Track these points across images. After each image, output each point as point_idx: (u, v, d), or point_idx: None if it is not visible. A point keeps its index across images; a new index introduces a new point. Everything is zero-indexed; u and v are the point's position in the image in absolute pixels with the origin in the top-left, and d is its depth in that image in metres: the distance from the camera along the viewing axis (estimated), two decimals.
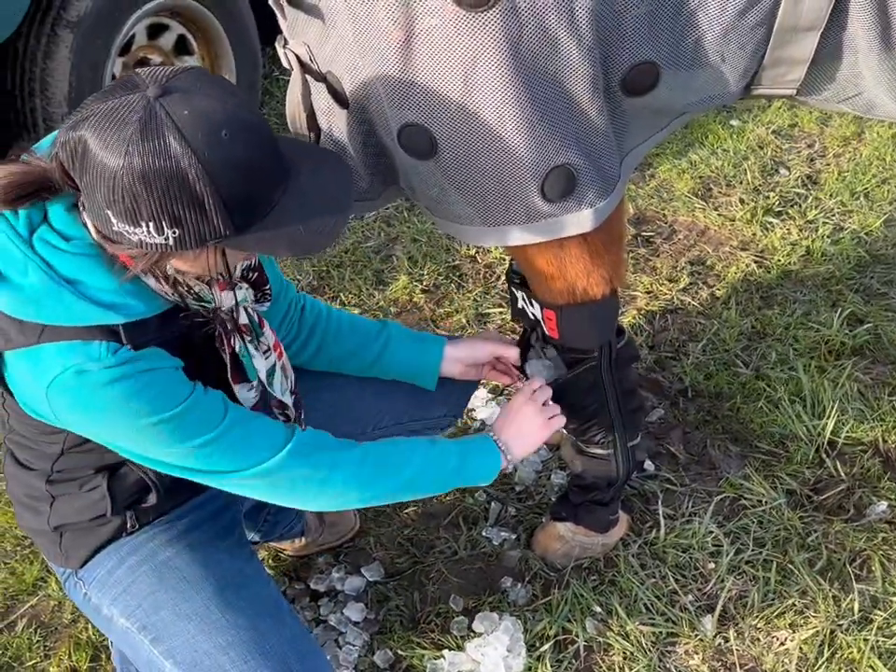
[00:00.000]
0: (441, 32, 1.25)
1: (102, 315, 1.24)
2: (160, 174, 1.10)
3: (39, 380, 1.25)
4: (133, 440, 1.33)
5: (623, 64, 1.33)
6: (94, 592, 1.55)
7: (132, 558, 1.54)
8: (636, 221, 3.20)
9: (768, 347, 2.64)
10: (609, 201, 1.46)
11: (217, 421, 1.36)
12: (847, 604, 1.99)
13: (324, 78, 1.41)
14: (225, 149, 1.12)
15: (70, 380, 1.23)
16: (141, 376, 1.27)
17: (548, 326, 1.71)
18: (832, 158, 3.49)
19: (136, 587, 1.52)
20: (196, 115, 1.11)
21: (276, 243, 1.22)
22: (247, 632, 1.46)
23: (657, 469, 2.32)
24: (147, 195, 1.11)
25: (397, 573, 2.13)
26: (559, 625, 1.98)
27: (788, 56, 1.36)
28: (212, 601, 1.49)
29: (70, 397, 1.25)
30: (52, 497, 1.51)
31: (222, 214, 1.15)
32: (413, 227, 3.20)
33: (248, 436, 1.40)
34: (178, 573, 1.52)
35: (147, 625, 1.49)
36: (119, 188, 1.11)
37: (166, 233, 1.15)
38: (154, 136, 1.09)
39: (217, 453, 1.37)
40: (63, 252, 1.24)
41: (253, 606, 1.51)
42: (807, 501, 2.23)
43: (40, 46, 2.78)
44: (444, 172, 1.41)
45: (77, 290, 1.23)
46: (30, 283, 1.23)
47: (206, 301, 1.36)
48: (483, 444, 1.66)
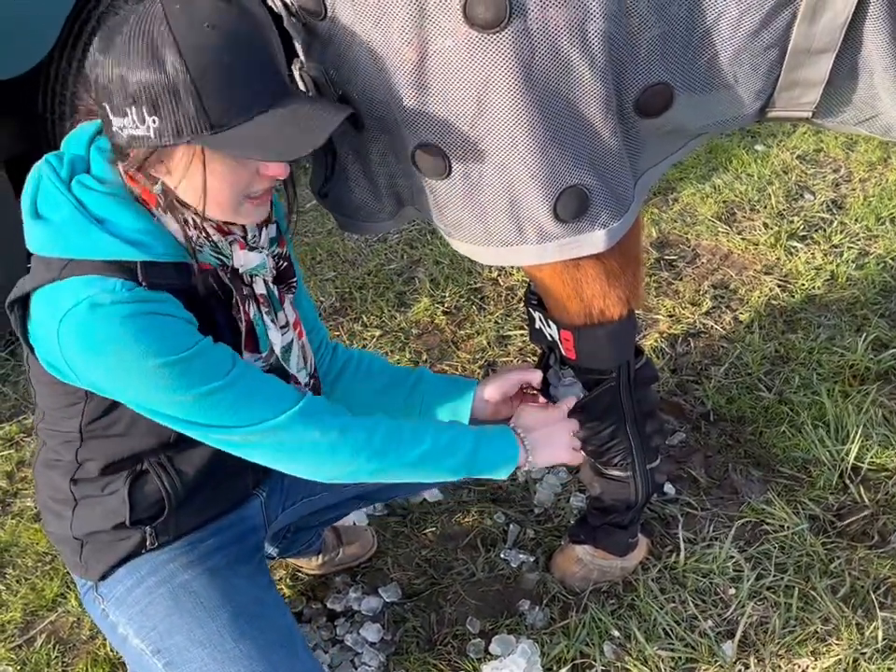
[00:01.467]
0: (454, 53, 1.26)
1: (122, 249, 1.27)
2: (140, 54, 1.17)
3: (54, 315, 1.26)
4: (138, 383, 1.30)
5: (637, 86, 1.34)
6: (112, 609, 1.56)
7: (151, 578, 1.54)
8: (659, 245, 3.20)
9: (791, 372, 2.62)
10: (622, 222, 1.46)
11: (225, 371, 1.34)
12: (870, 632, 1.96)
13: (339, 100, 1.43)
14: (203, 37, 1.17)
15: (82, 312, 1.24)
16: (152, 317, 1.27)
17: (565, 347, 1.71)
18: (857, 183, 3.47)
19: (153, 608, 1.52)
20: (185, 6, 1.18)
21: (250, 145, 1.22)
22: (259, 663, 1.45)
23: (678, 493, 2.31)
24: (130, 76, 1.18)
25: (414, 594, 2.12)
26: (577, 649, 1.96)
27: (802, 78, 1.36)
28: (226, 629, 1.48)
29: (80, 331, 1.25)
30: (75, 500, 1.52)
31: (195, 105, 1.18)
32: (435, 249, 3.22)
33: (256, 391, 1.37)
34: (195, 598, 1.52)
35: (161, 649, 1.49)
36: (108, 74, 1.19)
37: (147, 122, 1.20)
38: (144, 27, 1.17)
39: (223, 404, 1.34)
40: (95, 192, 1.30)
41: (266, 636, 1.50)
42: (830, 527, 2.20)
43: (71, 70, 2.83)
44: (458, 191, 1.42)
45: (104, 227, 1.28)
46: (61, 217, 1.28)
47: (224, 255, 1.37)
48: (501, 435, 1.59)
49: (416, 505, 2.32)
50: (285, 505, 1.78)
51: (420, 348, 2.81)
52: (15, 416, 2.68)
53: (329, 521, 2.00)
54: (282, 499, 1.77)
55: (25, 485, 2.44)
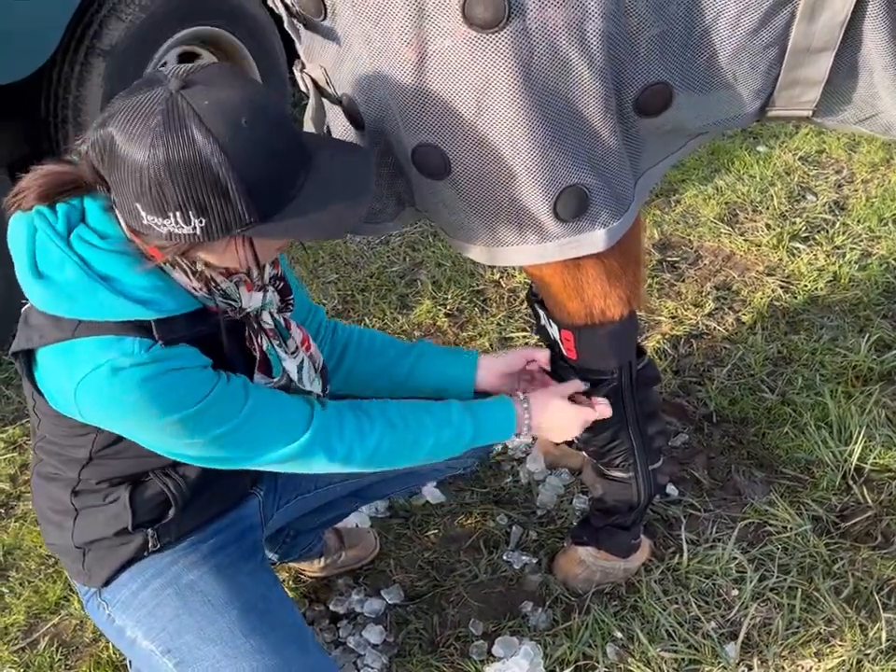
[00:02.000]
0: (453, 53, 1.26)
1: (134, 310, 1.26)
2: (184, 163, 1.13)
3: (72, 375, 1.27)
4: (157, 436, 1.35)
5: (636, 85, 1.34)
6: (118, 614, 1.55)
7: (156, 581, 1.54)
8: (661, 246, 3.20)
9: (794, 373, 2.61)
10: (622, 221, 1.46)
11: (238, 409, 1.37)
12: (874, 633, 1.95)
13: (340, 101, 1.43)
14: (245, 136, 1.15)
15: (102, 377, 1.25)
16: (169, 376, 1.28)
17: (566, 347, 1.71)
18: (860, 184, 3.47)
19: (161, 610, 1.51)
20: (216, 104, 1.14)
21: (301, 229, 1.25)
22: (271, 658, 1.45)
23: (681, 495, 2.30)
24: (172, 185, 1.14)
25: (416, 596, 2.12)
26: (580, 651, 1.96)
27: (802, 77, 1.36)
28: (236, 625, 1.48)
29: (99, 394, 1.27)
30: (76, 510, 1.52)
31: (246, 200, 1.17)
32: (437, 251, 3.22)
33: (268, 422, 1.41)
34: (203, 596, 1.52)
35: (171, 649, 1.49)
36: (146, 179, 1.14)
37: (193, 223, 1.18)
38: (177, 127, 1.13)
39: (237, 441, 1.39)
40: (98, 249, 1.27)
41: (276, 632, 1.50)
42: (833, 528, 2.19)
43: (73, 74, 2.84)
44: (458, 191, 1.42)
45: (111, 286, 1.26)
46: (66, 278, 1.26)
47: (233, 300, 1.38)
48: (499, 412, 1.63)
49: (419, 507, 2.31)
50: (279, 504, 1.78)
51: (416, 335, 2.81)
52: (18, 420, 2.68)
53: (326, 523, 1.99)
54: (276, 498, 1.78)
55: (29, 488, 2.42)
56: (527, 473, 2.38)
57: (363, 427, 1.50)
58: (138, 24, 2.89)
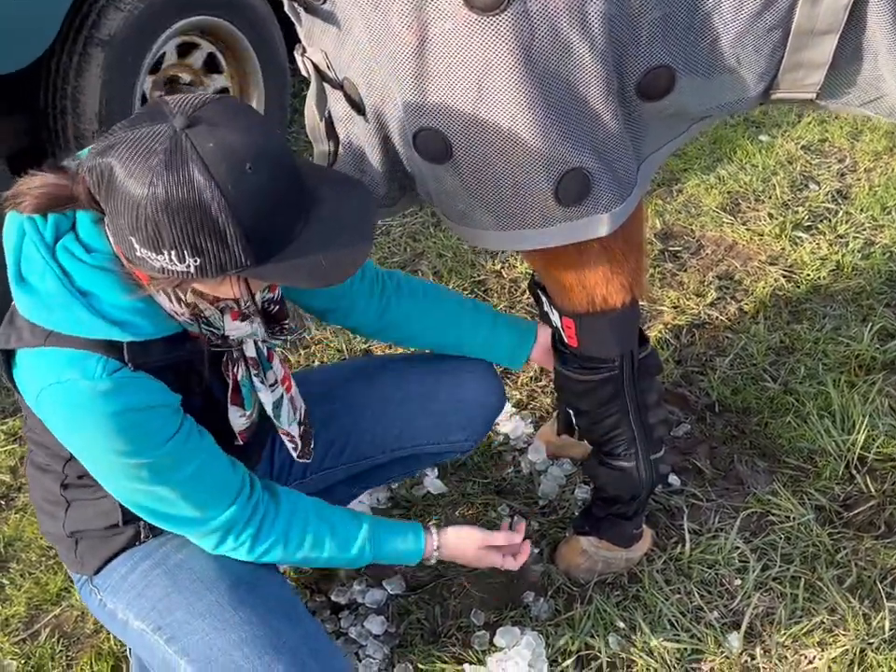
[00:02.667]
0: (453, 36, 1.25)
1: (108, 330, 1.25)
2: (183, 205, 1.11)
3: (35, 383, 1.28)
4: (103, 468, 1.37)
5: (639, 68, 1.33)
6: (109, 597, 1.57)
7: (145, 563, 1.55)
8: (663, 236, 3.18)
9: (797, 362, 2.60)
10: (625, 205, 1.45)
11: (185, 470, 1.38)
12: (877, 622, 1.95)
13: (341, 85, 1.42)
14: (248, 183, 1.13)
15: (60, 393, 1.26)
16: (129, 416, 1.28)
17: (567, 334, 1.70)
18: (862, 173, 3.45)
19: (150, 590, 1.53)
20: (221, 148, 1.12)
21: (297, 274, 1.22)
22: (261, 628, 1.46)
23: (683, 484, 2.29)
24: (169, 225, 1.12)
25: (418, 586, 2.11)
26: (582, 641, 1.95)
27: (806, 59, 1.35)
28: (224, 598, 1.49)
29: (56, 410, 1.29)
30: (67, 502, 1.53)
31: (243, 245, 1.15)
32: (438, 242, 3.20)
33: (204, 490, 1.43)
34: (192, 573, 1.53)
35: (161, 626, 1.50)
36: (142, 216, 1.13)
37: (188, 262, 1.16)
38: (179, 168, 1.10)
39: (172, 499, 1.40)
40: (82, 263, 1.26)
41: (266, 604, 1.51)
42: (836, 517, 2.19)
43: (72, 64, 2.83)
44: (459, 176, 1.41)
45: (88, 303, 1.25)
46: (45, 289, 1.25)
47: (216, 328, 1.36)
48: (404, 550, 1.66)
49: (420, 497, 2.31)
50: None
51: None
52: (19, 411, 2.66)
53: None
54: None
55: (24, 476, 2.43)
56: (529, 463, 2.37)
57: (261, 534, 1.51)
58: (137, 14, 2.87)
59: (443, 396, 1.85)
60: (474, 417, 1.89)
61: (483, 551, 1.70)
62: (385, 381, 1.86)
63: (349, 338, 2.80)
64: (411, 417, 1.84)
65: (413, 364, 1.95)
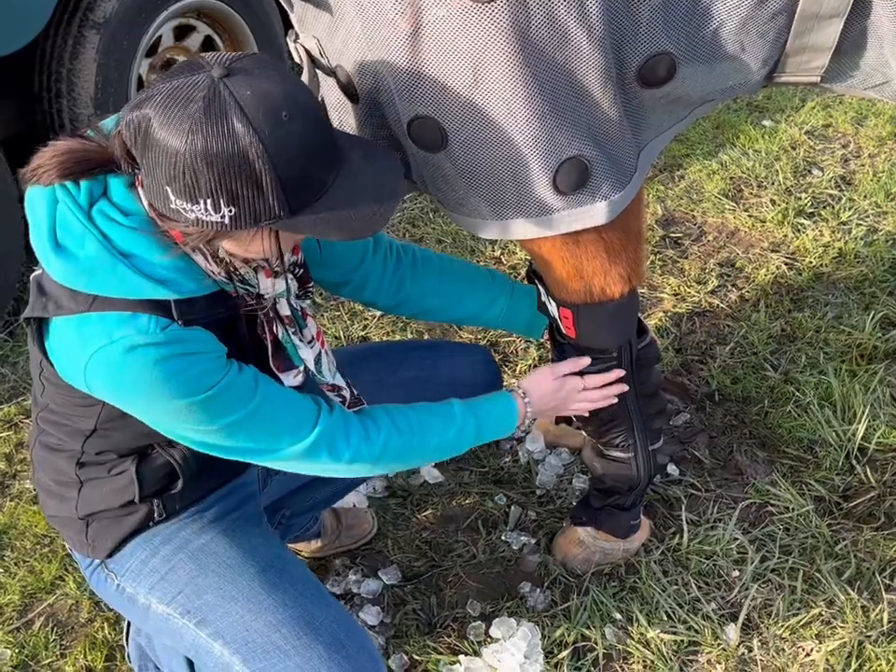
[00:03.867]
0: (448, 22, 1.23)
1: (154, 289, 1.25)
2: (221, 151, 1.12)
3: (84, 348, 1.26)
4: (163, 418, 1.34)
5: (639, 55, 1.30)
6: (128, 582, 1.55)
7: (165, 547, 1.54)
8: (664, 222, 3.15)
9: (798, 351, 2.58)
10: (624, 194, 1.42)
11: (247, 401, 1.36)
12: (876, 614, 1.93)
13: (333, 72, 1.40)
14: (285, 130, 1.14)
15: (116, 353, 1.25)
16: (183, 359, 1.28)
17: (564, 325, 1.68)
18: (866, 158, 3.42)
19: (174, 574, 1.52)
20: (258, 95, 1.13)
21: (328, 226, 1.23)
22: (296, 609, 1.47)
23: (682, 474, 2.28)
24: (207, 172, 1.13)
25: (414, 577, 2.10)
26: (578, 632, 1.94)
27: (811, 43, 1.32)
28: (255, 581, 1.49)
29: (109, 370, 1.26)
30: (80, 482, 1.50)
31: (278, 194, 1.16)
32: (437, 228, 3.18)
33: (275, 418, 1.41)
34: (217, 558, 1.53)
35: (190, 610, 1.49)
36: (180, 164, 1.13)
37: (223, 211, 1.16)
38: (217, 115, 1.11)
39: (243, 432, 1.38)
40: (120, 226, 1.26)
41: (296, 587, 1.52)
42: (836, 508, 2.17)
43: (67, 47, 2.79)
44: (455, 164, 1.38)
45: (131, 264, 1.25)
46: (86, 254, 1.25)
47: (251, 286, 1.37)
48: (501, 407, 1.66)
49: (417, 487, 2.29)
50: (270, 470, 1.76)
51: (422, 328, 2.78)
52: (14, 398, 2.65)
53: (322, 502, 1.97)
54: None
55: (24, 467, 2.42)
56: (526, 453, 2.36)
57: (369, 432, 1.50)
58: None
59: (441, 379, 1.85)
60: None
61: (559, 381, 1.71)
62: (381, 366, 1.86)
63: (346, 324, 2.78)
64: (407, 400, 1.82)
65: (409, 350, 1.96)
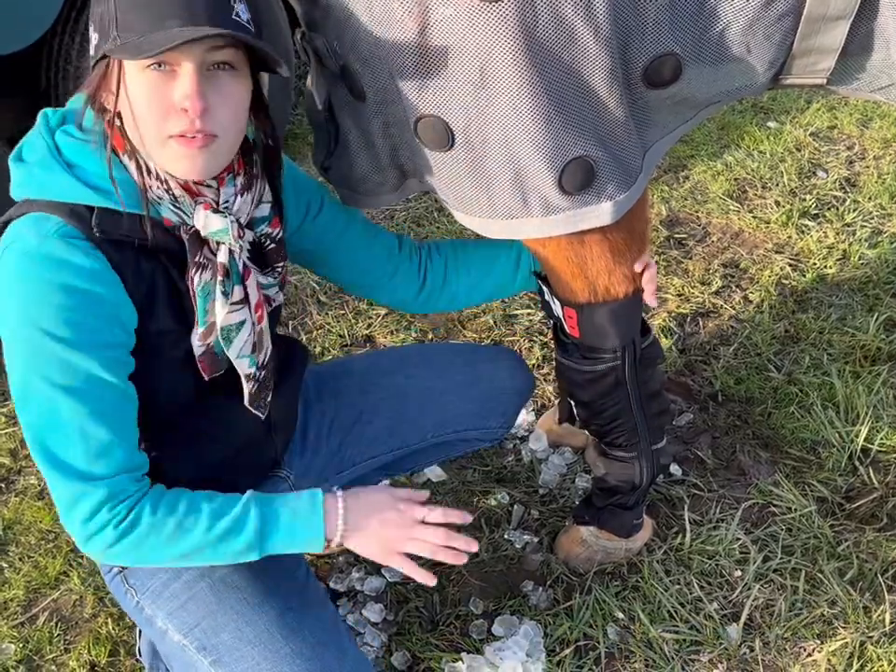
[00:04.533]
0: (455, 21, 1.23)
1: (82, 193, 1.24)
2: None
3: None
4: (17, 344, 1.25)
5: (645, 56, 1.30)
6: (148, 603, 1.51)
7: (188, 573, 1.49)
8: (669, 223, 3.16)
9: (801, 352, 2.58)
10: (629, 194, 1.42)
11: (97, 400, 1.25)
12: (878, 615, 1.93)
13: (341, 71, 1.40)
14: None
15: (8, 258, 1.23)
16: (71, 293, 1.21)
17: (568, 324, 1.68)
18: (871, 160, 3.42)
19: (194, 604, 1.48)
20: None
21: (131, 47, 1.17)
22: (312, 662, 1.41)
23: (684, 474, 2.28)
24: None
25: None
26: (580, 631, 1.95)
27: (817, 45, 1.32)
28: (274, 625, 1.44)
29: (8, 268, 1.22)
30: None
31: (113, 10, 1.17)
32: (442, 227, 3.18)
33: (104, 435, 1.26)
34: (238, 593, 1.47)
35: (206, 646, 1.45)
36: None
37: (93, 39, 1.22)
38: None
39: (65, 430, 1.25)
40: (72, 138, 1.28)
41: (315, 634, 1.46)
42: (839, 509, 2.17)
43: (74, 45, 2.80)
44: (461, 163, 1.38)
45: (72, 172, 1.25)
46: (34, 159, 1.27)
47: (184, 212, 1.30)
48: (301, 502, 1.38)
49: (420, 485, 2.30)
50: (316, 484, 1.74)
51: (426, 327, 2.79)
52: None
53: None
54: (313, 480, 1.73)
55: (29, 462, 2.43)
56: (530, 452, 2.36)
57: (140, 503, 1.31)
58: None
59: (483, 384, 1.86)
60: (510, 404, 1.91)
61: (392, 499, 1.40)
62: (427, 373, 1.86)
63: (351, 324, 2.79)
64: (452, 404, 1.85)
65: (452, 356, 1.94)
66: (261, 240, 1.42)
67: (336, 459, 1.79)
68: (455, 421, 1.86)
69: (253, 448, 1.59)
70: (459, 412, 1.86)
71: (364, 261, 1.68)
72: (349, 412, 1.80)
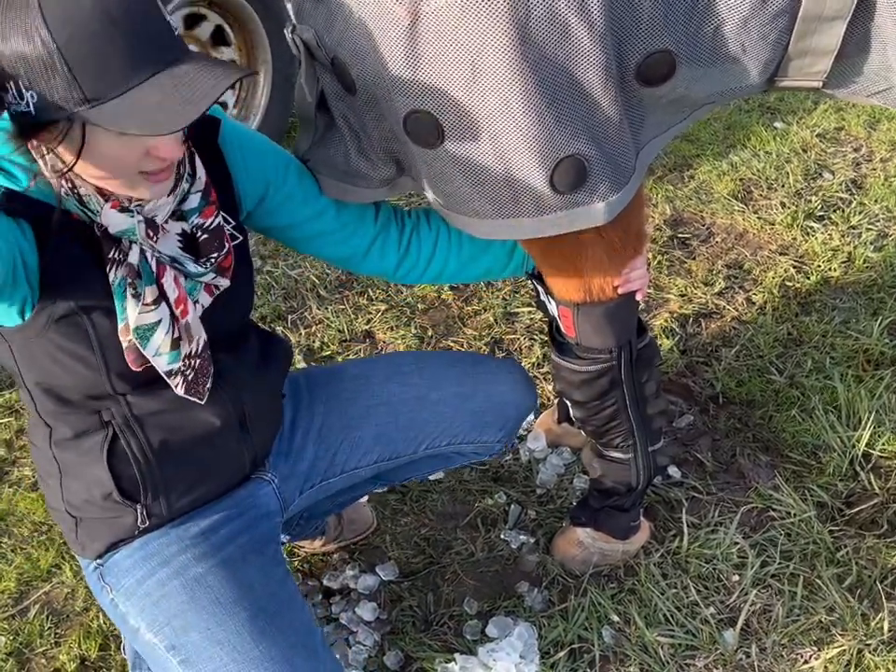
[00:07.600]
0: (447, 14, 1.21)
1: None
2: (12, 25, 1.07)
3: None
4: None
5: (639, 52, 1.28)
6: (122, 600, 1.50)
7: (162, 570, 1.48)
8: (672, 223, 3.13)
9: (804, 355, 2.56)
10: (622, 194, 1.40)
11: None
12: (876, 623, 1.91)
13: (331, 63, 1.38)
14: (71, 7, 1.07)
15: None
16: None
17: (564, 324, 1.67)
18: (878, 162, 3.39)
19: (166, 602, 1.46)
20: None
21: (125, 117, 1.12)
22: (281, 666, 1.40)
23: (683, 477, 2.26)
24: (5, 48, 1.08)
25: (411, 573, 2.09)
26: (575, 633, 1.93)
27: (813, 46, 1.30)
28: (245, 628, 1.42)
29: None
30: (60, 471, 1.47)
31: (68, 76, 1.09)
32: None
33: None
34: (211, 593, 1.46)
35: (175, 645, 1.44)
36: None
37: (25, 98, 1.11)
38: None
39: None
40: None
41: (287, 637, 1.44)
42: (838, 515, 2.15)
43: None
44: (451, 160, 1.36)
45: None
46: None
47: (90, 211, 1.27)
48: None
49: (416, 483, 2.28)
50: (302, 488, 1.72)
51: (426, 324, 2.77)
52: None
53: (340, 505, 1.97)
54: (299, 484, 1.71)
55: (24, 454, 2.42)
56: (528, 451, 2.35)
57: None
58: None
59: (480, 396, 1.81)
60: (509, 418, 1.85)
61: None
62: (422, 382, 1.81)
63: (350, 319, 2.78)
64: (447, 416, 1.79)
65: (449, 366, 1.88)
66: (193, 231, 1.37)
67: (323, 464, 1.74)
68: (449, 433, 1.80)
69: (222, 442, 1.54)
70: (454, 423, 1.80)
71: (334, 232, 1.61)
72: (339, 417, 1.76)
